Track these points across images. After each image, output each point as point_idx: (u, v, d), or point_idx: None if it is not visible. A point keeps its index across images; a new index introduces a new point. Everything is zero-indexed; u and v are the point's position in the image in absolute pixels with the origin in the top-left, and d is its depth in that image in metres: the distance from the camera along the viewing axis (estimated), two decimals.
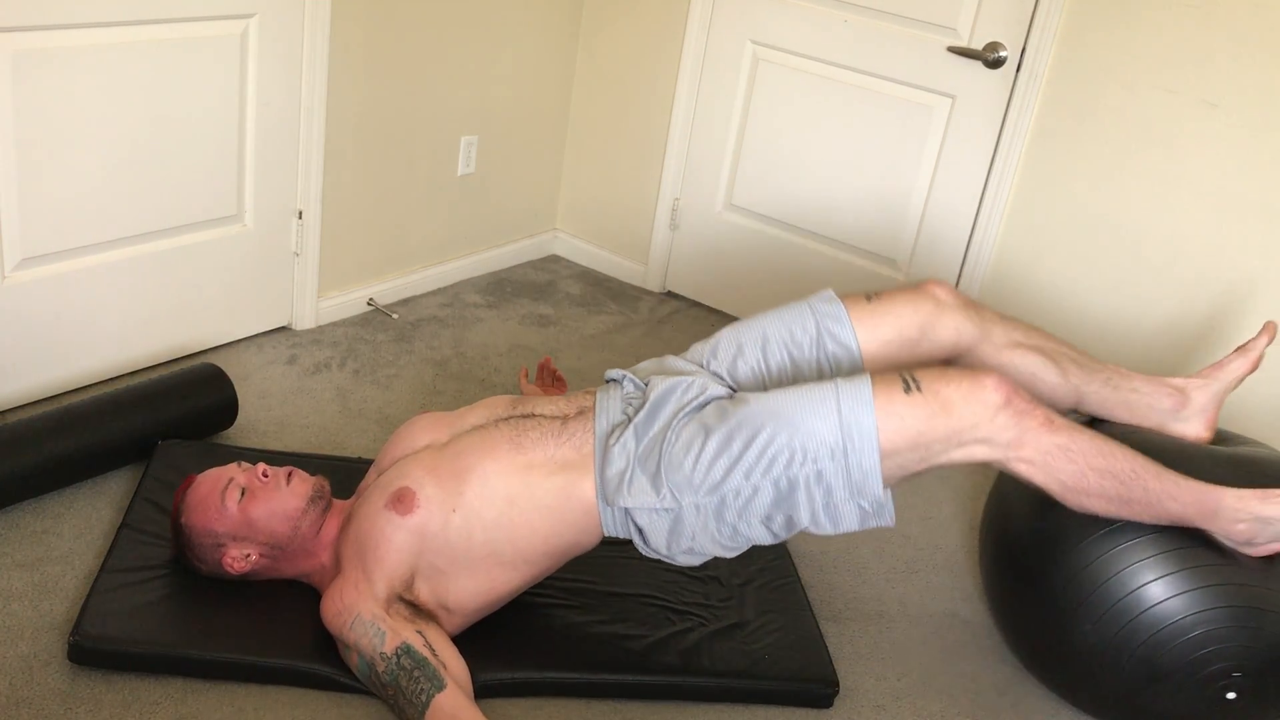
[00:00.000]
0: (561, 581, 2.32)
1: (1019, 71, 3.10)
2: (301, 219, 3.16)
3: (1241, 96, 2.82)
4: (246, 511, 2.08)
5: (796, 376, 2.13)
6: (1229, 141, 2.86)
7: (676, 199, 3.82)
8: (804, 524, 1.94)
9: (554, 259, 4.11)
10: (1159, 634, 1.99)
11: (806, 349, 2.13)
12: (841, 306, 2.14)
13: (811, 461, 1.88)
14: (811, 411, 1.89)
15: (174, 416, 2.56)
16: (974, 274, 3.31)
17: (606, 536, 2.06)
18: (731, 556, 2.04)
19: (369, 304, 3.47)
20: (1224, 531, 1.97)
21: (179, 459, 2.47)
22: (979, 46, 3.15)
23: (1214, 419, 2.22)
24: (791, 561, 2.52)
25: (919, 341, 2.13)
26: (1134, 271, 3.06)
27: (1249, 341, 2.22)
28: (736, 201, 3.71)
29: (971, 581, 2.63)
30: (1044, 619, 2.15)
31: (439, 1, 3.31)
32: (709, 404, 2.02)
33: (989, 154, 3.22)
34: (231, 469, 2.13)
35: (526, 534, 2.03)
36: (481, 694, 2.03)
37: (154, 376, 2.69)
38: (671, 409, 2.02)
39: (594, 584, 2.34)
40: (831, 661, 2.24)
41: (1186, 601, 1.97)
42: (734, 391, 2.10)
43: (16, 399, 2.68)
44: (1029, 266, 3.23)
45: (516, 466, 2.03)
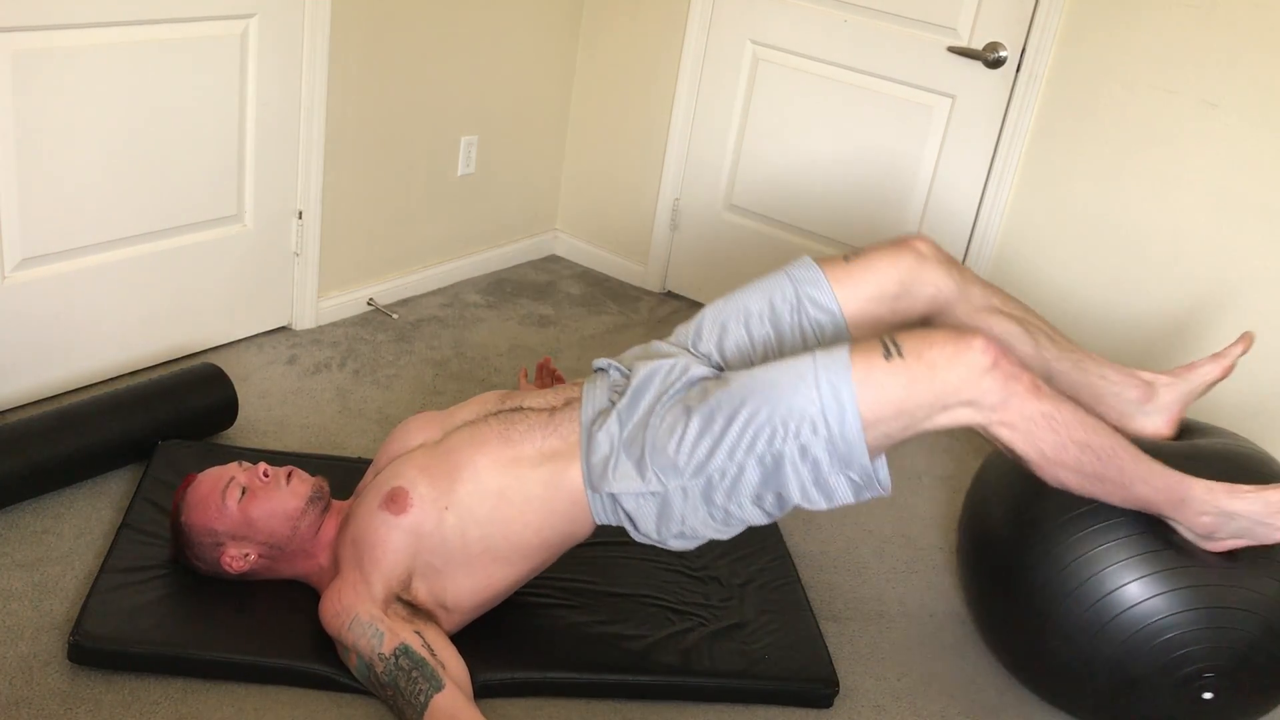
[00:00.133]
0: (561, 581, 2.32)
1: (1019, 71, 3.10)
2: (301, 219, 3.16)
3: (1241, 96, 2.82)
4: (246, 511, 2.08)
5: (781, 347, 2.10)
6: (1229, 141, 2.86)
7: (676, 199, 3.82)
8: (795, 500, 1.91)
9: (554, 259, 4.12)
10: (1132, 639, 1.98)
11: (787, 318, 2.10)
12: (819, 271, 2.11)
13: (794, 436, 1.85)
14: (790, 385, 1.86)
15: (174, 416, 2.56)
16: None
17: (600, 526, 2.06)
18: (727, 538, 2.01)
19: (369, 304, 3.47)
20: (1188, 522, 1.95)
21: (179, 459, 2.47)
22: (979, 46, 3.15)
23: (1177, 418, 2.20)
24: (791, 561, 2.52)
25: (899, 297, 2.09)
26: (1134, 271, 3.06)
27: (1224, 349, 2.21)
28: (736, 201, 3.71)
29: None
30: (1021, 626, 2.15)
31: (439, 2, 3.31)
32: (693, 386, 2.00)
33: (989, 154, 3.22)
34: (232, 468, 2.13)
35: (519, 527, 2.02)
36: (481, 694, 2.03)
37: (154, 376, 2.69)
38: (655, 393, 2.00)
39: (594, 584, 2.34)
40: (831, 661, 2.24)
41: (1157, 605, 1.96)
42: (720, 371, 2.08)
43: (16, 399, 2.68)
44: (1029, 266, 3.23)
45: (505, 460, 2.03)
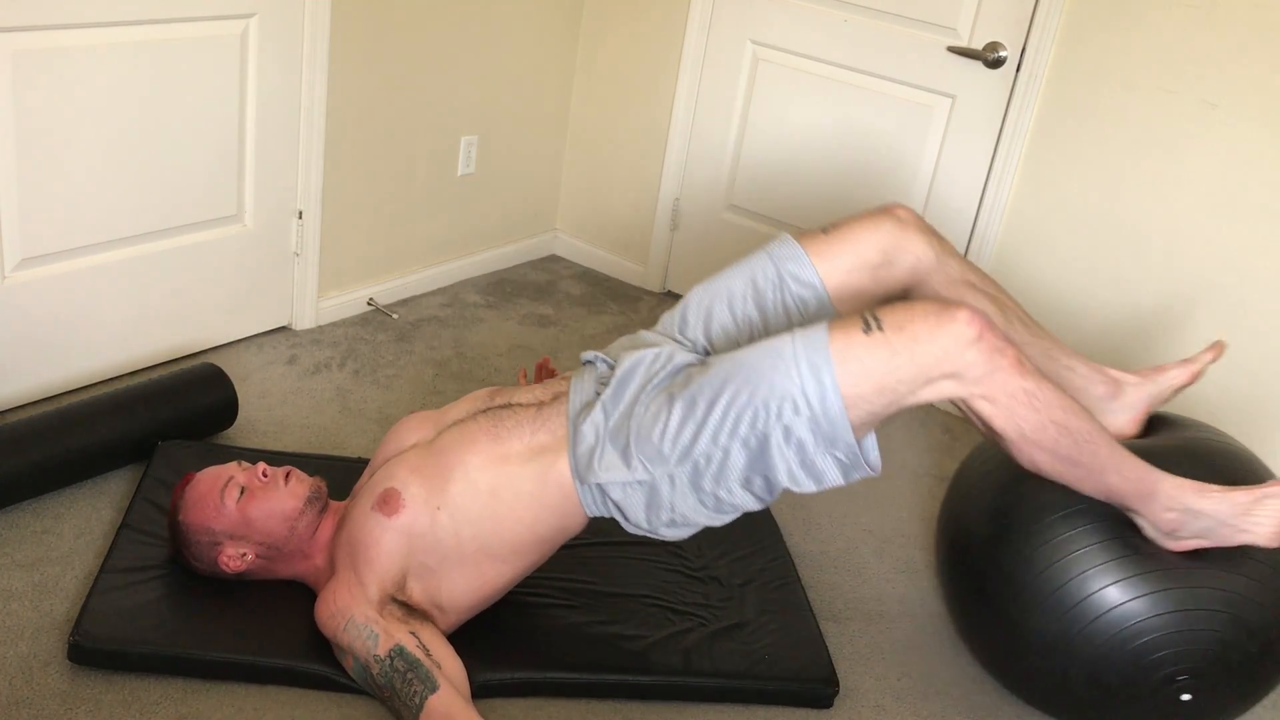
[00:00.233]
0: (561, 582, 2.32)
1: (1019, 71, 3.10)
2: (301, 219, 3.16)
3: (1241, 96, 2.82)
4: (245, 510, 2.08)
5: (766, 327, 2.09)
6: (1229, 141, 2.86)
7: (676, 199, 3.82)
8: (784, 483, 1.88)
9: (554, 259, 4.11)
10: (1106, 644, 1.98)
11: (770, 296, 2.09)
12: (798, 246, 2.08)
13: (775, 417, 1.83)
14: (769, 366, 1.83)
15: (174, 416, 2.56)
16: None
17: (594, 522, 2.05)
18: (722, 524, 1.99)
19: (369, 304, 3.47)
20: (1153, 517, 1.94)
21: (179, 459, 2.47)
22: (979, 46, 3.15)
23: (1141, 419, 2.18)
24: (791, 561, 2.52)
25: (880, 266, 2.07)
26: (1134, 271, 3.06)
27: (1195, 355, 2.19)
28: (736, 201, 3.71)
29: None
30: (998, 631, 2.15)
31: (439, 2, 3.31)
32: (678, 373, 1.99)
33: (989, 154, 3.22)
34: (231, 468, 2.13)
35: (511, 523, 2.02)
36: (481, 694, 2.03)
37: (154, 376, 2.69)
38: (639, 382, 1.99)
39: (594, 584, 2.34)
40: (831, 661, 2.24)
41: (1131, 609, 1.95)
42: (706, 356, 2.06)
43: (16, 399, 2.68)
44: (1030, 265, 3.23)
45: (495, 457, 2.02)
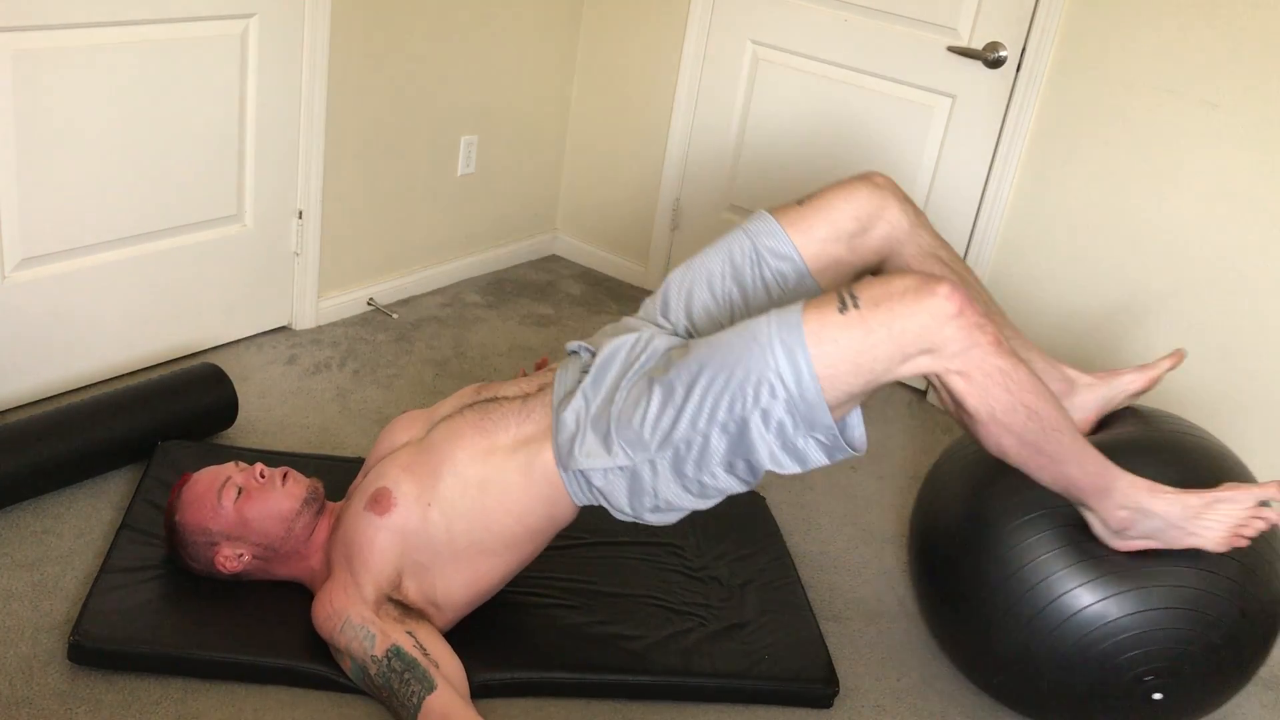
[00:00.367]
0: (561, 581, 2.32)
1: (1019, 71, 3.10)
2: (301, 219, 3.16)
3: (1241, 96, 2.82)
4: (242, 511, 2.07)
5: (747, 304, 2.07)
6: (1229, 141, 2.86)
7: (676, 199, 3.82)
8: (766, 465, 1.86)
9: (554, 259, 4.11)
10: (1073, 648, 1.98)
11: (749, 273, 2.07)
12: (773, 220, 2.06)
13: (753, 401, 1.81)
14: (745, 349, 1.80)
15: (174, 416, 2.56)
16: (975, 272, 3.30)
17: (583, 509, 2.05)
18: (708, 507, 1.98)
19: (369, 304, 3.47)
20: (1105, 514, 1.92)
21: (179, 459, 2.47)
22: (979, 46, 3.15)
23: (1092, 421, 2.17)
24: (791, 561, 2.52)
25: (856, 235, 2.05)
26: (1134, 270, 3.06)
27: (1154, 362, 2.18)
28: (736, 201, 3.71)
29: None
30: (969, 634, 2.16)
31: (439, 2, 3.31)
32: (658, 357, 1.97)
33: (989, 154, 3.22)
34: (229, 468, 2.13)
35: (501, 515, 2.01)
36: (481, 694, 2.03)
37: (154, 376, 2.69)
38: (619, 368, 1.98)
39: (594, 584, 2.34)
40: (831, 661, 2.24)
41: (1089, 616, 1.95)
42: (687, 340, 2.05)
43: (16, 399, 2.68)
44: (1030, 265, 3.23)
45: (483, 451, 2.02)
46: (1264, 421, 2.94)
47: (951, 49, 3.19)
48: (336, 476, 2.38)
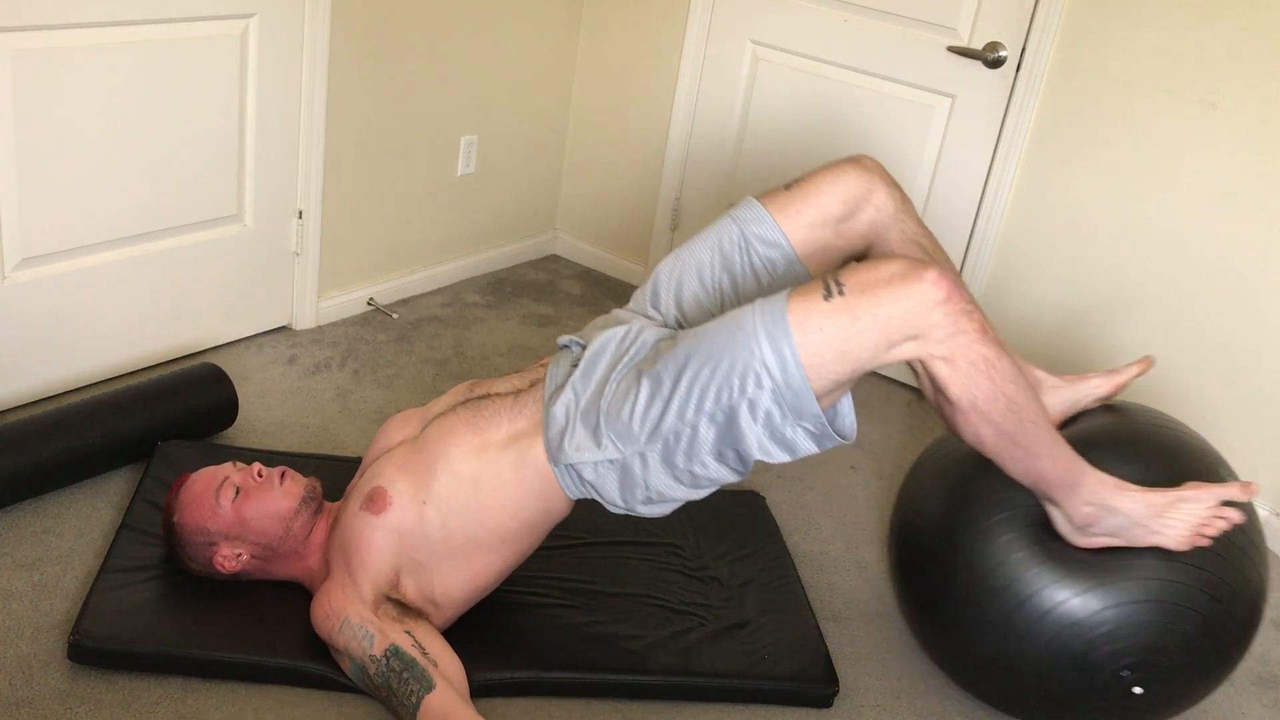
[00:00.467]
0: (561, 581, 2.32)
1: (1019, 71, 3.10)
2: (301, 219, 3.16)
3: (1241, 96, 2.82)
4: (240, 511, 2.07)
5: (736, 292, 2.07)
6: (1229, 141, 2.86)
7: (676, 199, 3.82)
8: (756, 455, 1.86)
9: (554, 259, 4.12)
10: (1046, 651, 1.98)
11: (737, 260, 2.07)
12: (760, 206, 2.06)
13: (740, 392, 1.80)
14: (730, 339, 1.80)
15: (174, 416, 2.56)
16: (975, 273, 3.31)
17: (577, 503, 2.05)
18: (701, 497, 1.98)
19: (369, 304, 3.47)
20: (1071, 509, 1.92)
21: (179, 459, 2.47)
22: (979, 46, 3.15)
23: (1057, 422, 2.14)
24: (791, 561, 2.52)
25: (843, 219, 2.04)
26: (1134, 270, 3.06)
27: (1121, 367, 2.17)
28: (736, 201, 3.71)
29: None
30: (948, 633, 2.16)
31: (439, 2, 3.31)
32: (648, 349, 1.97)
33: (989, 154, 3.22)
34: (226, 468, 2.13)
35: (495, 511, 2.01)
36: (481, 694, 2.03)
37: (154, 376, 2.69)
38: (608, 361, 1.98)
39: (594, 584, 2.34)
40: (831, 661, 2.24)
41: (1063, 614, 1.95)
42: (677, 330, 2.05)
43: (16, 399, 2.68)
44: (1030, 265, 3.23)
45: (476, 447, 2.02)
46: (1264, 421, 2.94)
47: (951, 49, 3.19)
48: (336, 476, 2.38)
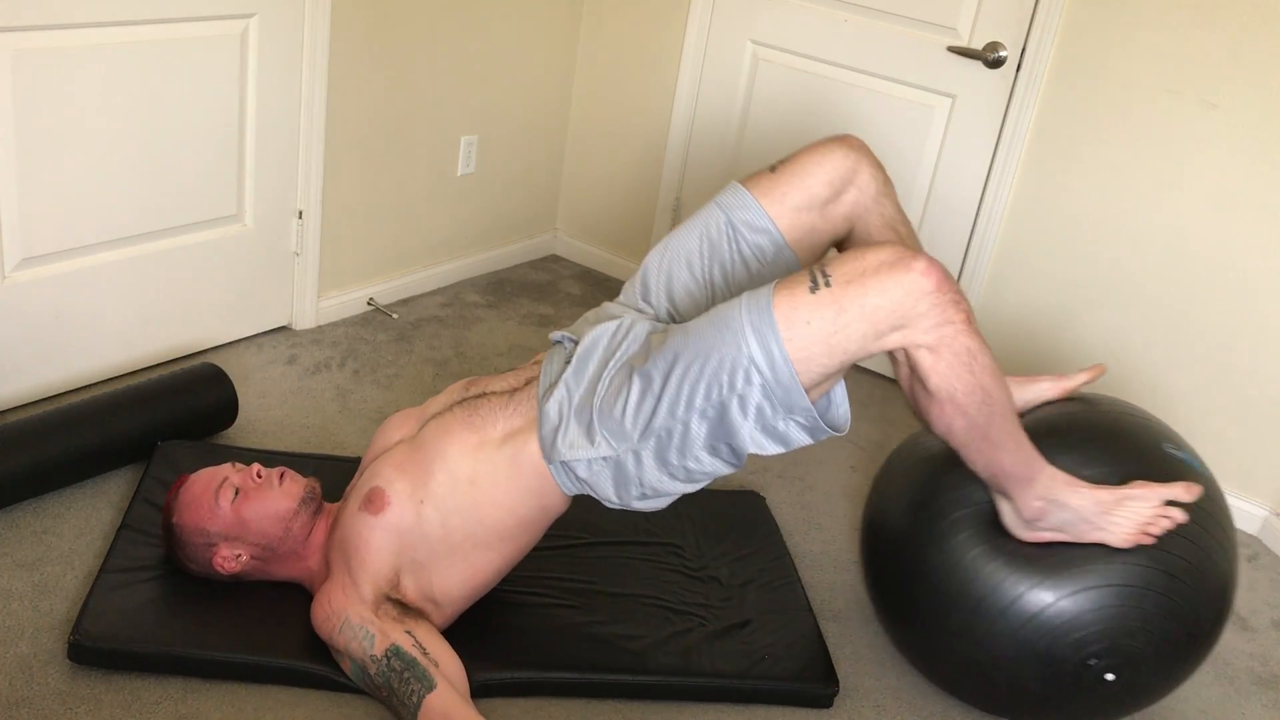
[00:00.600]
0: (562, 581, 2.32)
1: (1019, 71, 3.10)
2: (301, 219, 3.16)
3: (1241, 96, 2.82)
4: (239, 511, 2.07)
5: (727, 281, 2.07)
6: (1229, 141, 2.86)
7: (676, 198, 3.82)
8: (749, 449, 1.85)
9: (554, 259, 4.12)
10: (1011, 645, 1.98)
11: (726, 248, 2.06)
12: (745, 192, 2.05)
13: (729, 387, 1.80)
14: (718, 335, 1.79)
15: (174, 416, 2.56)
16: (975, 273, 3.31)
17: (575, 502, 2.05)
18: (697, 489, 1.97)
19: (369, 304, 3.47)
20: (1022, 503, 1.93)
21: (179, 459, 2.47)
22: (979, 46, 3.15)
23: None
24: (791, 561, 2.52)
25: (829, 201, 2.04)
26: (1134, 270, 3.06)
27: (1071, 374, 2.18)
28: None
29: None
30: (921, 631, 2.16)
31: (439, 2, 3.31)
32: (640, 344, 1.97)
33: (989, 154, 3.22)
34: (226, 469, 2.13)
35: (492, 509, 2.01)
36: (481, 694, 2.03)
37: (154, 376, 2.69)
38: (600, 357, 1.98)
39: (594, 584, 2.34)
40: (831, 661, 2.24)
41: (1025, 605, 1.95)
42: (670, 323, 2.04)
43: (16, 399, 2.68)
44: (1030, 265, 3.23)
45: (472, 446, 2.02)
46: (1264, 421, 2.94)
47: (951, 49, 3.19)
48: (336, 476, 2.38)
